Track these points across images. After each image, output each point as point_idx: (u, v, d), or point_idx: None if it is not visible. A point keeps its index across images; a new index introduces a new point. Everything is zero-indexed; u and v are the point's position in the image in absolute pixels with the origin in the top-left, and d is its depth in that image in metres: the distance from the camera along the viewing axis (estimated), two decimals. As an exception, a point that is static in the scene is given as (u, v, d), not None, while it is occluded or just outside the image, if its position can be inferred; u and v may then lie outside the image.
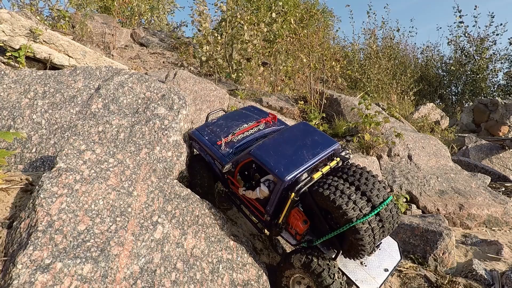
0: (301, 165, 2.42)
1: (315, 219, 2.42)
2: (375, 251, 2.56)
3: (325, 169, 2.45)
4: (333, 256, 2.40)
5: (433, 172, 5.42)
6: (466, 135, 9.05)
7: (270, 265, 3.05)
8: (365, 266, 2.47)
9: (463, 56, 14.48)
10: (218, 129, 3.26)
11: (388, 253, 2.60)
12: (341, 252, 2.35)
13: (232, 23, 7.78)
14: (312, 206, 2.34)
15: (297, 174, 2.38)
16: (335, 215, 2.17)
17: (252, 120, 3.44)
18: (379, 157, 5.59)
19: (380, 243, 2.60)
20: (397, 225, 2.37)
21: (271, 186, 2.54)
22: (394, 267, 2.52)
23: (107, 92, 3.25)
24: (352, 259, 2.34)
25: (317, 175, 2.39)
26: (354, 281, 2.36)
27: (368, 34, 13.43)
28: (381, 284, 2.38)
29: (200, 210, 2.60)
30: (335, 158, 2.60)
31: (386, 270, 2.47)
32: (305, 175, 2.47)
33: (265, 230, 2.97)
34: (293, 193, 2.29)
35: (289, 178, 2.34)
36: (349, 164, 2.49)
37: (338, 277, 2.29)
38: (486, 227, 4.60)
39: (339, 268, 2.39)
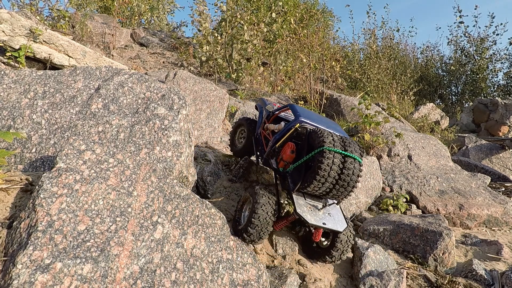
0: (317, 125, 2.87)
1: (300, 155, 2.77)
2: (324, 207, 2.66)
3: None
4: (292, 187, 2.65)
5: (433, 172, 5.42)
6: (466, 135, 9.05)
7: (270, 265, 3.05)
8: (316, 209, 2.64)
9: (463, 56, 14.49)
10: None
11: (333, 219, 2.68)
12: (300, 183, 2.55)
13: (232, 23, 7.78)
14: (304, 144, 2.71)
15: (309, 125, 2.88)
16: (315, 143, 2.47)
17: None
18: (379, 157, 5.59)
19: (331, 204, 2.66)
20: (352, 188, 2.46)
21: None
22: (331, 229, 2.57)
23: (107, 92, 3.25)
24: (301, 189, 2.56)
25: None
26: (299, 212, 2.48)
27: (368, 34, 13.43)
28: (318, 224, 2.47)
29: (200, 210, 2.60)
30: None
31: (324, 224, 2.55)
32: None
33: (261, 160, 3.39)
34: (298, 123, 2.77)
35: (303, 121, 2.83)
36: None
37: (272, 199, 2.59)
38: (486, 227, 4.60)
39: (290, 196, 2.64)
